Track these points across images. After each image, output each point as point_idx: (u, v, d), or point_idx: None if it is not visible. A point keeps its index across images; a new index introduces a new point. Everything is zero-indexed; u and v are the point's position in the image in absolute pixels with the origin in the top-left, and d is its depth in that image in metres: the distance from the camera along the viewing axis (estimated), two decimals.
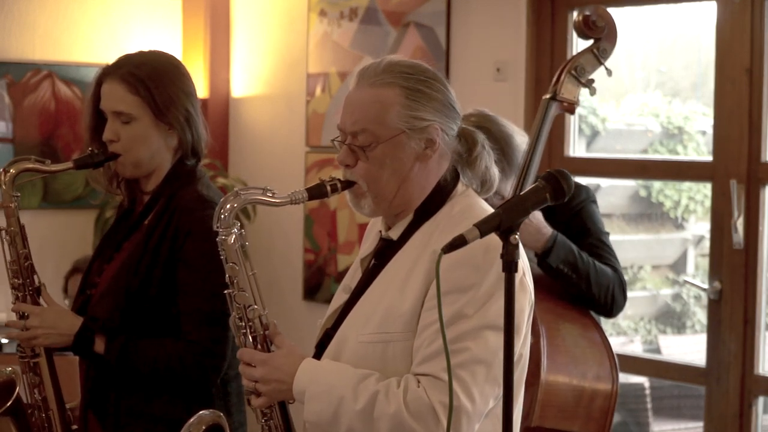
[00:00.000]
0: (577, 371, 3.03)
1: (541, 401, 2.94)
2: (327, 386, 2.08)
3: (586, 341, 3.09)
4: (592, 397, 3.04)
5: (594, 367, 3.06)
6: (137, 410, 2.66)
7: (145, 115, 2.69)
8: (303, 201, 2.14)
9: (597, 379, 3.05)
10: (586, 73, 3.18)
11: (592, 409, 3.04)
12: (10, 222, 2.70)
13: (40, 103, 5.19)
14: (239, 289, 2.17)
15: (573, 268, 3.12)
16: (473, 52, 4.57)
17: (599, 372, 3.06)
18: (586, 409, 3.03)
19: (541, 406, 2.94)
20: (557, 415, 2.98)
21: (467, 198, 2.19)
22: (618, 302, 3.21)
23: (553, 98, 3.14)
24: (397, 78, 2.14)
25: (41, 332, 2.65)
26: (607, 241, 3.29)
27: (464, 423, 2.02)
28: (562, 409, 2.99)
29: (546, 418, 2.96)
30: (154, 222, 2.69)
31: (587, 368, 3.05)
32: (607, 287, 3.17)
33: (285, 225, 5.32)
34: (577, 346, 3.07)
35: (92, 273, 2.80)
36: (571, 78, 3.15)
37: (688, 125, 6.55)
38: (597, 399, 3.04)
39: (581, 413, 3.03)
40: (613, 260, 3.24)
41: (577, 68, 3.15)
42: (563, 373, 3.00)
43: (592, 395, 3.04)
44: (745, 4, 3.84)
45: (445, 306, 2.00)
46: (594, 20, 3.15)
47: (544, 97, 3.16)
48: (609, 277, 3.19)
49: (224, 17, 5.58)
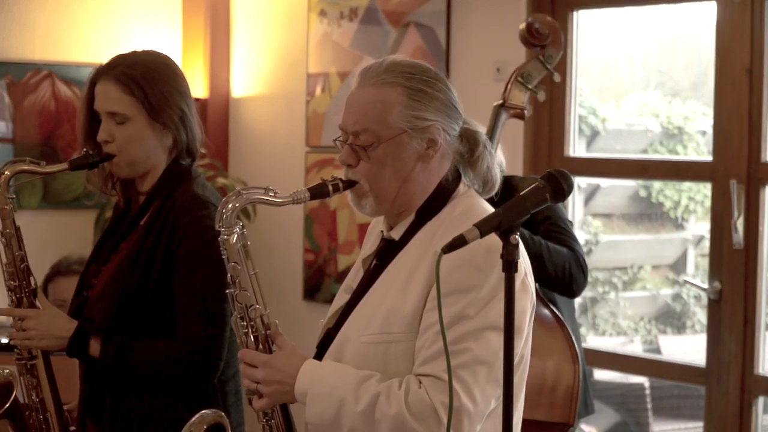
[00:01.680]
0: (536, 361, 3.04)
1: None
2: (328, 388, 2.08)
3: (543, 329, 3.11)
4: (554, 385, 3.06)
5: (553, 354, 3.08)
6: (134, 412, 2.66)
7: (140, 115, 2.68)
8: (305, 201, 2.15)
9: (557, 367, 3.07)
10: (533, 79, 3.26)
11: (555, 396, 3.06)
12: (5, 224, 2.70)
13: (40, 103, 5.19)
14: (241, 289, 2.17)
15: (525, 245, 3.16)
16: (473, 52, 4.57)
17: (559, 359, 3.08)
18: (549, 396, 3.05)
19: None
20: None
21: (469, 198, 2.19)
22: (576, 279, 3.28)
23: (502, 105, 3.22)
24: (399, 78, 2.14)
25: (36, 334, 2.65)
26: (566, 225, 3.39)
27: (466, 423, 2.02)
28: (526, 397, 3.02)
29: None
30: (150, 223, 2.69)
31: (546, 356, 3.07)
32: (562, 266, 3.24)
33: (285, 225, 5.32)
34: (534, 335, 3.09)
35: (89, 275, 2.79)
36: (518, 85, 3.23)
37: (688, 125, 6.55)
38: (559, 387, 3.06)
39: (544, 401, 3.05)
40: (570, 241, 3.33)
41: (523, 75, 3.24)
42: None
43: (553, 384, 3.06)
44: (745, 4, 3.84)
45: (447, 307, 2.00)
46: (537, 28, 3.23)
47: (494, 104, 3.23)
48: (563, 255, 3.27)
49: (224, 17, 5.58)
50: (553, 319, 3.15)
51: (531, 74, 3.24)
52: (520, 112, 3.25)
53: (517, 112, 3.24)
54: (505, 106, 3.22)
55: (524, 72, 3.22)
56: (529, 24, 3.25)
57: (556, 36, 3.27)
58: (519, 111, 3.25)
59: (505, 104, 3.22)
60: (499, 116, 3.21)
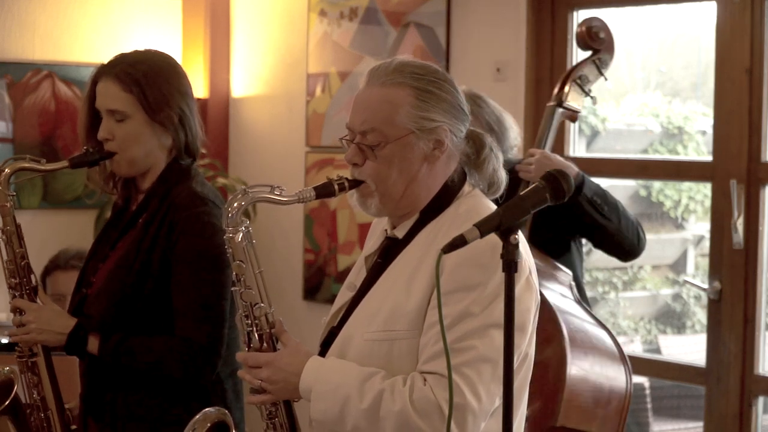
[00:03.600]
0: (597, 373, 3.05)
1: (566, 401, 2.95)
2: (333, 385, 2.08)
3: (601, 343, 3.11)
4: (609, 398, 3.06)
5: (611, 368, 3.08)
6: (133, 410, 2.66)
7: (138, 114, 2.69)
8: (311, 199, 2.15)
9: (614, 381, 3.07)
10: (589, 83, 3.23)
11: (609, 409, 3.06)
12: (6, 221, 2.70)
13: (40, 103, 5.19)
14: (246, 287, 2.18)
15: (604, 200, 3.16)
16: (473, 52, 4.57)
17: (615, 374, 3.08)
18: (604, 409, 3.05)
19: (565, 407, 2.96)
20: (579, 416, 3.00)
21: (473, 198, 2.20)
22: (641, 239, 3.27)
23: (559, 105, 3.18)
24: (408, 78, 2.14)
25: (35, 327, 2.66)
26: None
27: (470, 421, 2.02)
28: (584, 409, 3.01)
29: (569, 419, 2.97)
30: (149, 220, 2.69)
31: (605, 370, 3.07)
32: (633, 223, 3.23)
33: (285, 225, 5.32)
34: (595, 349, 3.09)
35: (87, 272, 2.80)
36: (576, 87, 3.20)
37: (688, 125, 6.55)
38: (613, 400, 3.06)
39: (599, 413, 3.05)
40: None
41: (581, 78, 3.20)
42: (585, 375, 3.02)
43: (609, 396, 3.06)
44: (745, 4, 3.84)
45: (452, 304, 2.01)
46: (597, 32, 3.19)
47: (548, 104, 3.19)
48: (630, 214, 3.26)
49: (224, 17, 5.58)
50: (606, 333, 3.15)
51: (588, 77, 3.23)
52: (574, 115, 3.24)
53: (571, 115, 3.23)
54: (563, 107, 3.20)
55: (581, 75, 3.20)
56: (589, 27, 3.22)
57: (611, 41, 3.26)
58: (574, 114, 3.24)
59: (562, 105, 3.20)
60: (554, 117, 3.19)
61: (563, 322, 3.04)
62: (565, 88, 3.21)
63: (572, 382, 2.98)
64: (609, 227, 3.17)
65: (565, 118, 3.25)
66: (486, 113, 3.11)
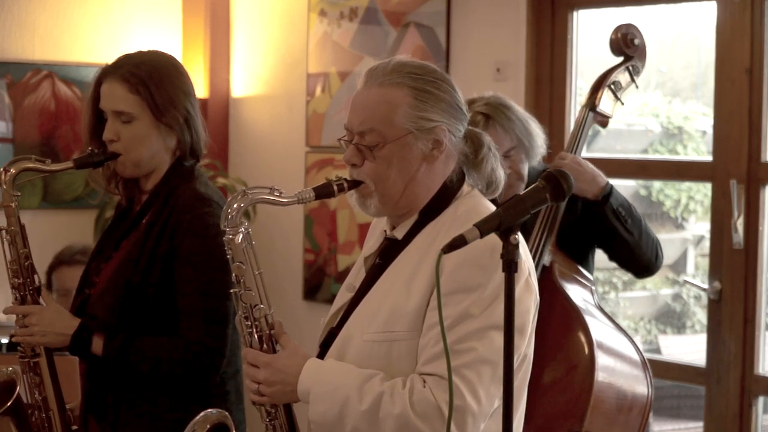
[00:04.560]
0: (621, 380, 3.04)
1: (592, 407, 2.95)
2: (332, 386, 2.08)
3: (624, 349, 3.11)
4: (632, 405, 3.06)
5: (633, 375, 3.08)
6: (135, 410, 2.66)
7: (145, 115, 2.69)
8: (310, 200, 2.15)
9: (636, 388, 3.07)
10: (622, 89, 3.24)
11: (630, 416, 3.06)
12: (10, 222, 2.70)
13: (40, 103, 5.19)
14: (245, 288, 2.18)
15: (629, 213, 3.16)
16: (473, 52, 4.57)
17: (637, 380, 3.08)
18: (626, 416, 3.05)
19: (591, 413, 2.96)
20: (602, 422, 3.00)
21: (472, 198, 2.20)
22: (659, 259, 3.27)
23: (592, 109, 3.18)
24: (406, 78, 2.14)
25: (38, 329, 2.65)
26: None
27: (470, 423, 2.02)
28: (607, 415, 3.01)
29: (594, 424, 2.97)
30: (153, 220, 2.69)
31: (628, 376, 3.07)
32: (654, 241, 3.23)
33: (285, 225, 5.32)
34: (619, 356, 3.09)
35: (90, 272, 2.80)
36: (609, 93, 3.20)
37: (688, 125, 6.55)
38: (635, 407, 3.06)
39: (621, 420, 3.04)
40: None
41: (615, 84, 3.20)
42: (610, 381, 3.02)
43: (631, 403, 3.06)
44: (745, 4, 3.84)
45: (451, 306, 2.01)
46: (632, 38, 3.19)
47: (582, 106, 3.20)
48: (653, 232, 3.24)
49: (224, 17, 5.58)
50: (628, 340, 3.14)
51: (621, 83, 3.24)
52: (605, 120, 3.25)
53: (602, 120, 3.24)
54: (595, 111, 3.20)
55: (616, 81, 3.20)
56: (625, 33, 3.23)
57: (644, 48, 3.27)
58: (605, 119, 3.24)
59: (594, 109, 3.20)
60: (587, 119, 3.19)
61: (591, 327, 3.04)
62: (598, 93, 3.21)
63: (599, 388, 2.97)
64: (629, 240, 3.17)
65: (595, 123, 3.25)
66: (516, 127, 3.09)
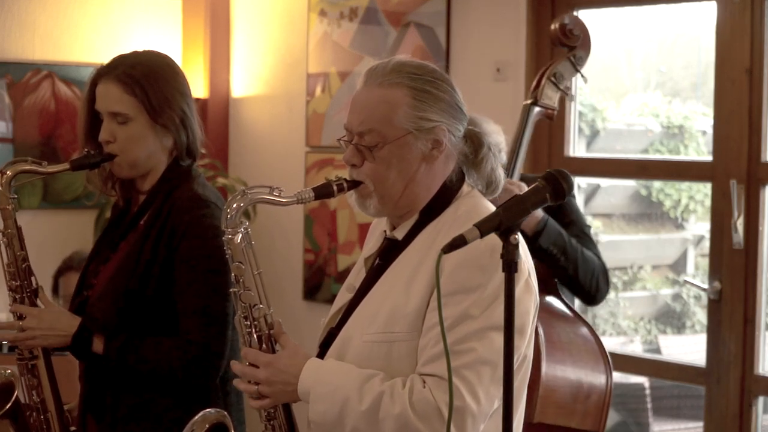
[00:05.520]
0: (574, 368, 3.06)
1: (542, 398, 2.96)
2: (332, 386, 2.08)
3: (579, 338, 3.12)
4: (588, 393, 3.07)
5: (589, 363, 3.10)
6: (135, 411, 2.66)
7: (141, 116, 2.69)
8: (309, 200, 2.15)
9: (592, 376, 3.08)
10: (564, 80, 3.25)
11: (588, 404, 3.07)
12: (7, 224, 2.70)
13: (40, 103, 5.19)
14: (245, 288, 2.17)
15: (562, 251, 3.17)
16: (473, 52, 4.57)
17: (594, 368, 3.10)
18: (583, 404, 3.06)
19: (542, 403, 2.96)
20: (557, 411, 3.01)
21: (472, 198, 2.19)
22: (602, 289, 3.29)
23: (534, 104, 3.20)
24: (405, 78, 2.14)
25: (39, 333, 2.65)
26: (589, 233, 3.38)
27: (469, 423, 2.02)
28: (561, 405, 3.02)
29: (546, 414, 2.98)
30: (151, 221, 2.69)
31: (583, 365, 3.08)
32: (592, 273, 3.24)
33: (285, 225, 5.32)
34: (572, 344, 3.10)
35: (88, 274, 2.79)
36: (550, 84, 3.21)
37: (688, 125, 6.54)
38: (593, 395, 3.07)
39: (579, 409, 3.05)
40: (596, 250, 3.32)
41: (555, 75, 3.22)
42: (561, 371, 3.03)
43: (588, 391, 3.07)
44: (745, 4, 3.84)
45: (451, 306, 2.01)
46: (571, 29, 3.21)
47: (524, 103, 3.22)
48: (594, 263, 3.27)
49: (224, 17, 5.58)
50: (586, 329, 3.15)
51: (562, 74, 3.24)
52: (550, 112, 3.25)
53: (548, 112, 3.25)
54: (538, 104, 3.22)
55: (556, 72, 3.21)
56: (562, 24, 3.23)
57: (586, 38, 3.27)
58: (550, 111, 3.25)
59: (537, 103, 3.21)
60: (530, 115, 3.21)
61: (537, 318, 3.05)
62: (540, 86, 3.23)
63: (547, 379, 2.98)
64: (564, 275, 3.21)
65: (542, 117, 3.27)
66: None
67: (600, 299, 3.33)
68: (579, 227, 3.33)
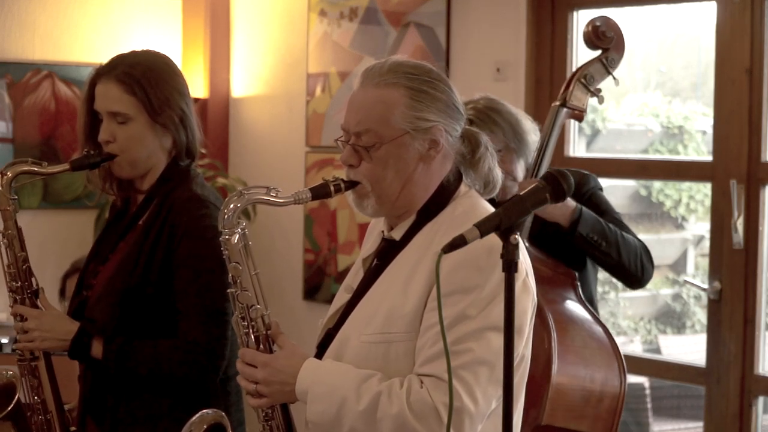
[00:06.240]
0: (586, 371, 3.03)
1: (551, 400, 2.95)
2: (329, 387, 2.07)
3: (594, 342, 3.10)
4: (601, 397, 3.05)
5: (603, 367, 3.07)
6: (135, 412, 2.66)
7: (141, 116, 2.68)
8: (307, 201, 2.14)
9: (605, 380, 3.06)
10: (595, 82, 3.24)
11: (600, 409, 3.04)
12: (7, 225, 2.70)
13: (40, 103, 5.19)
14: (242, 289, 2.17)
15: (602, 236, 3.15)
16: (473, 52, 4.57)
17: (607, 372, 3.07)
18: (595, 408, 3.04)
19: (551, 405, 2.95)
20: (567, 415, 2.99)
21: (470, 198, 2.19)
22: (647, 270, 3.26)
23: (563, 105, 3.19)
24: (402, 78, 2.13)
25: (38, 335, 2.65)
26: (622, 219, 3.34)
27: (467, 424, 2.02)
28: (572, 408, 3.00)
29: (556, 417, 2.96)
30: (150, 222, 2.69)
31: (596, 368, 3.06)
32: (635, 254, 3.22)
33: (285, 225, 5.32)
34: (586, 347, 3.08)
35: (87, 274, 2.79)
36: (580, 86, 3.21)
37: (688, 125, 6.54)
38: (605, 399, 3.05)
39: (590, 413, 3.03)
40: (633, 232, 3.29)
41: (586, 77, 3.21)
42: (573, 373, 3.01)
43: (600, 395, 3.05)
44: (745, 4, 3.84)
45: (448, 307, 2.00)
46: (603, 30, 3.20)
47: (553, 104, 3.21)
48: (635, 244, 3.24)
49: (224, 17, 5.58)
50: (602, 332, 3.14)
51: (593, 76, 3.24)
52: (579, 114, 3.25)
53: (576, 114, 3.24)
54: (567, 106, 3.22)
55: (587, 74, 3.21)
56: (595, 26, 3.23)
57: (619, 39, 3.27)
58: (579, 113, 3.25)
59: (566, 104, 3.21)
60: (558, 116, 3.20)
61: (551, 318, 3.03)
62: (569, 88, 3.22)
63: (558, 381, 2.97)
64: (609, 261, 3.19)
65: (570, 118, 3.26)
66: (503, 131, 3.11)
67: (646, 280, 3.29)
68: (611, 215, 3.32)
